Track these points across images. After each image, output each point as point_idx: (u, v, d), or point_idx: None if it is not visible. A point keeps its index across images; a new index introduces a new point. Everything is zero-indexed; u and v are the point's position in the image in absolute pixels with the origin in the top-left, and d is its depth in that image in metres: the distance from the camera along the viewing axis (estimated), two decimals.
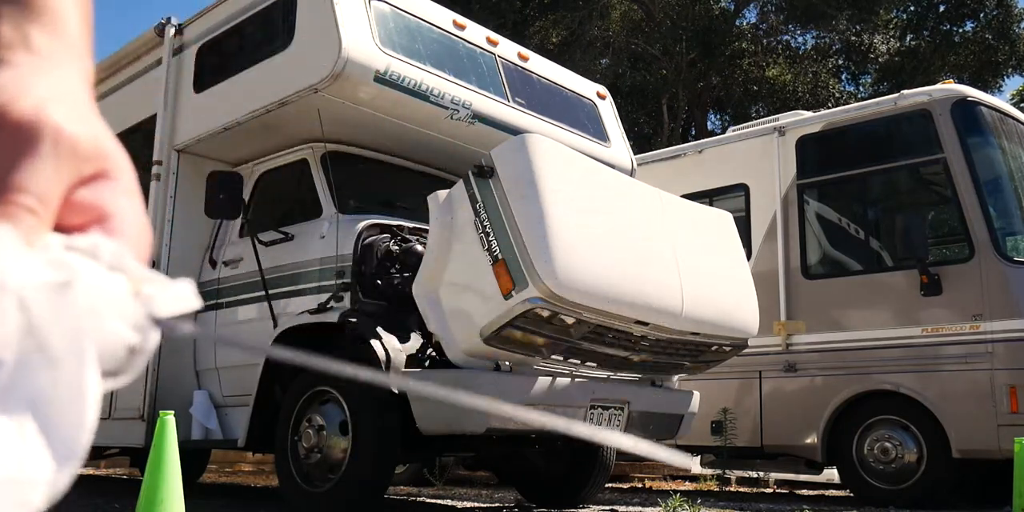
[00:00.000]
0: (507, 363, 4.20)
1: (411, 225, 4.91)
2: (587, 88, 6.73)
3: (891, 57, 19.90)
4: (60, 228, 0.44)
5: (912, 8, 19.62)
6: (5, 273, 0.38)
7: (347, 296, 4.67)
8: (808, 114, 7.53)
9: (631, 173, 6.45)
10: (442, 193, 4.28)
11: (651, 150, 10.06)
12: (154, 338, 0.42)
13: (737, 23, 20.43)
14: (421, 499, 6.42)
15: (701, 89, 19.98)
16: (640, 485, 8.90)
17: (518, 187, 3.96)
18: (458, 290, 4.12)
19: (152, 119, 6.07)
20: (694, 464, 9.14)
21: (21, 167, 0.44)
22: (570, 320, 4.00)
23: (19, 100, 0.45)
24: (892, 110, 6.66)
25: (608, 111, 6.79)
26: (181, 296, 0.43)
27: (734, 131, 8.07)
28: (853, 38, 20.13)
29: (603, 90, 6.88)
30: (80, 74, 0.50)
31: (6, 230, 0.40)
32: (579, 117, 6.44)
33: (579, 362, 4.48)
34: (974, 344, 5.83)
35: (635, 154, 7.05)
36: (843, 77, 21.27)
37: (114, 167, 0.47)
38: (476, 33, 5.82)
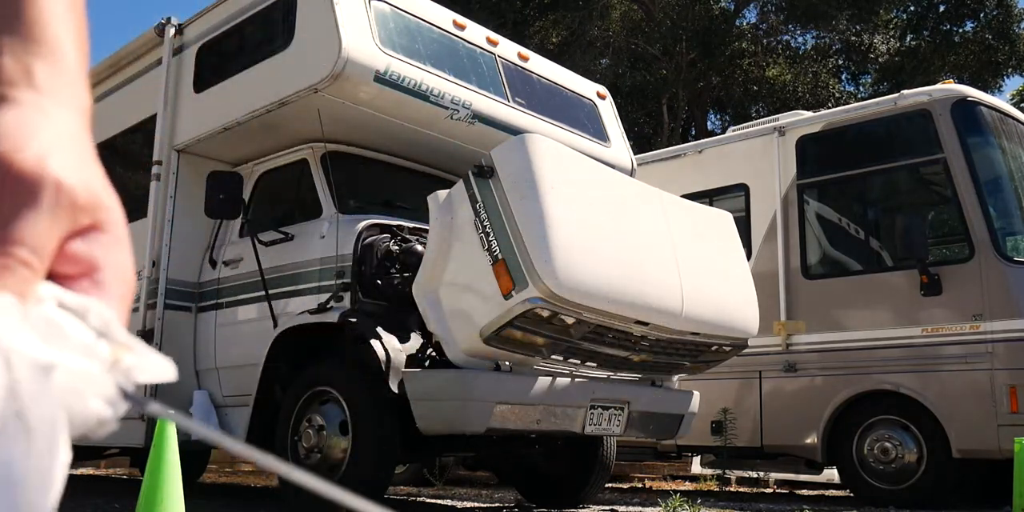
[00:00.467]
0: (507, 363, 4.21)
1: (411, 225, 4.91)
2: (587, 88, 6.73)
3: (891, 57, 19.90)
4: (52, 276, 0.46)
5: (912, 8, 19.62)
6: (6, 336, 0.40)
7: (347, 296, 4.67)
8: (808, 114, 7.52)
9: (631, 173, 6.45)
10: (442, 193, 4.28)
11: (651, 150, 10.06)
12: (122, 409, 0.43)
13: (737, 23, 20.43)
14: (421, 499, 6.42)
15: (701, 89, 19.98)
16: (640, 485, 8.91)
17: (518, 187, 3.97)
18: (458, 290, 4.12)
19: (152, 119, 6.07)
20: (694, 464, 9.15)
21: (20, 219, 0.45)
22: (570, 320, 4.00)
23: (23, 149, 0.46)
24: (892, 110, 6.66)
25: (608, 111, 6.79)
26: (158, 368, 0.44)
27: (734, 131, 8.07)
28: (853, 38, 20.12)
29: (603, 90, 6.88)
30: (80, 112, 0.51)
31: (3, 295, 0.42)
32: (579, 117, 6.44)
33: (579, 362, 4.48)
34: (974, 344, 5.83)
35: (635, 154, 7.05)
36: (843, 77, 21.26)
37: (108, 219, 0.48)
38: (476, 33, 5.82)
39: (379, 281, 4.64)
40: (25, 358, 0.40)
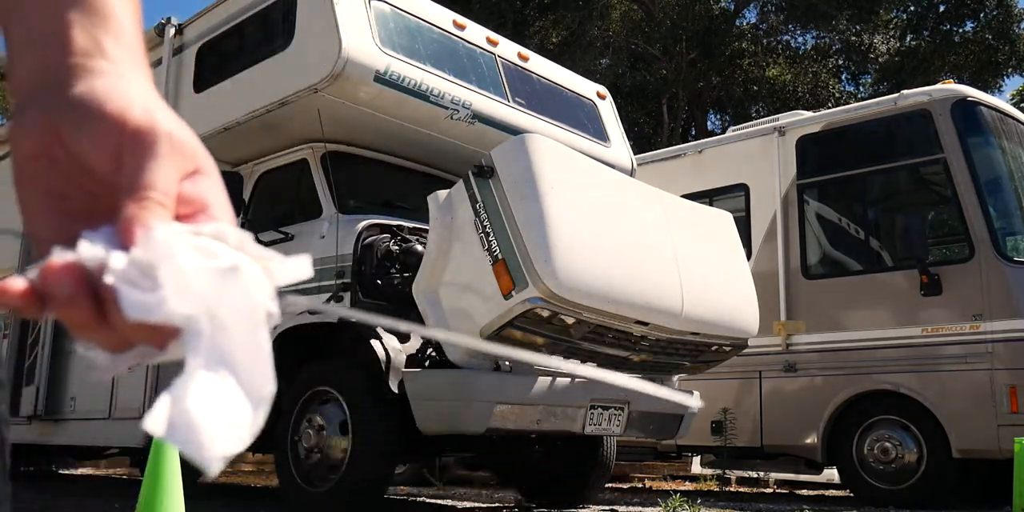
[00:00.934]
0: (507, 363, 4.21)
1: (411, 225, 4.91)
2: (587, 88, 6.73)
3: (891, 57, 19.90)
4: (175, 218, 0.51)
5: (912, 8, 19.62)
6: (175, 258, 0.46)
7: (347, 296, 4.67)
8: (808, 114, 7.52)
9: (631, 173, 6.45)
10: (442, 193, 4.28)
11: (651, 150, 10.06)
12: (280, 306, 0.50)
13: (737, 23, 20.44)
14: (421, 499, 6.42)
15: (701, 89, 19.98)
16: (640, 485, 8.91)
17: (518, 187, 3.96)
18: (458, 290, 4.12)
19: None
20: (694, 464, 9.15)
21: (148, 168, 0.50)
22: (570, 320, 4.00)
23: (132, 108, 0.52)
24: (892, 110, 6.66)
25: (608, 111, 6.79)
26: (299, 269, 0.50)
27: (734, 131, 8.07)
28: (853, 38, 20.13)
29: (603, 90, 6.88)
30: (147, 78, 0.56)
31: (164, 225, 0.48)
32: (579, 117, 6.44)
33: (579, 362, 4.48)
34: (974, 344, 5.83)
35: (635, 154, 7.05)
36: (843, 77, 21.27)
37: (206, 164, 0.54)
38: (476, 33, 5.82)
39: (379, 281, 4.64)
40: (202, 271, 0.47)
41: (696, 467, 9.19)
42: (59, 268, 0.47)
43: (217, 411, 0.46)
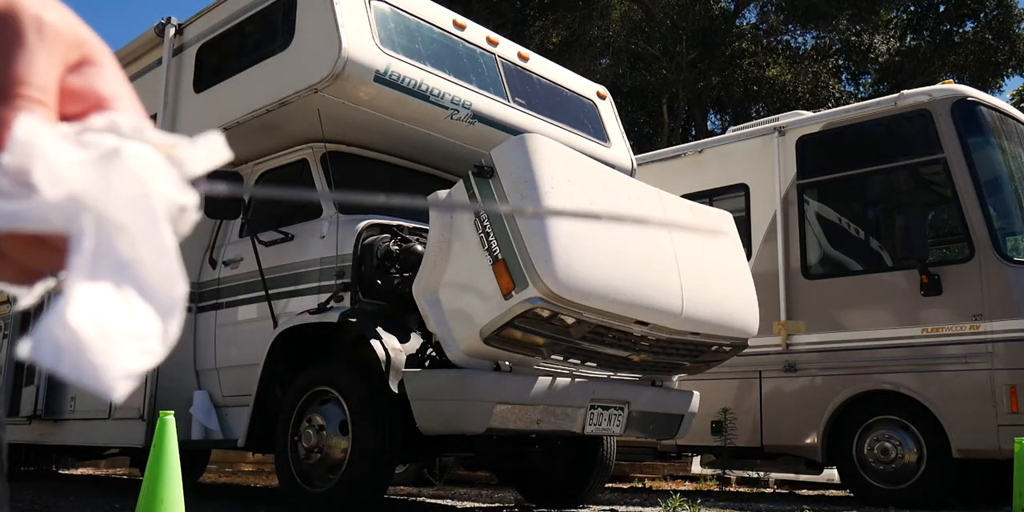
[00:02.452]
0: (507, 363, 4.21)
1: (411, 225, 4.91)
2: (587, 88, 6.73)
3: (891, 57, 19.90)
4: (61, 117, 0.44)
5: (912, 8, 19.63)
6: (47, 155, 0.39)
7: (347, 296, 4.67)
8: (808, 114, 7.52)
9: (631, 173, 6.45)
10: (442, 193, 4.28)
11: (651, 150, 10.06)
12: (196, 198, 0.43)
13: (737, 23, 20.44)
14: (421, 499, 6.42)
15: (701, 89, 19.98)
16: (640, 485, 8.91)
17: (518, 187, 3.97)
18: (458, 290, 4.12)
19: (152, 119, 6.07)
20: (694, 464, 9.15)
21: (15, 59, 0.43)
22: (570, 320, 4.00)
23: None
24: (892, 110, 6.66)
25: (608, 111, 6.79)
26: (212, 150, 0.44)
27: (734, 131, 8.07)
28: (853, 38, 20.13)
29: (603, 90, 6.88)
30: None
31: (31, 119, 0.41)
32: (579, 117, 6.44)
33: (579, 362, 4.48)
34: (974, 344, 5.83)
35: (635, 154, 7.05)
36: (843, 77, 21.27)
37: (96, 52, 0.46)
38: (476, 33, 5.82)
39: (379, 281, 4.64)
40: (82, 165, 0.40)
41: (696, 467, 9.19)
42: None
43: (110, 323, 0.39)
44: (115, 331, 0.39)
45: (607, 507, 5.72)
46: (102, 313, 0.39)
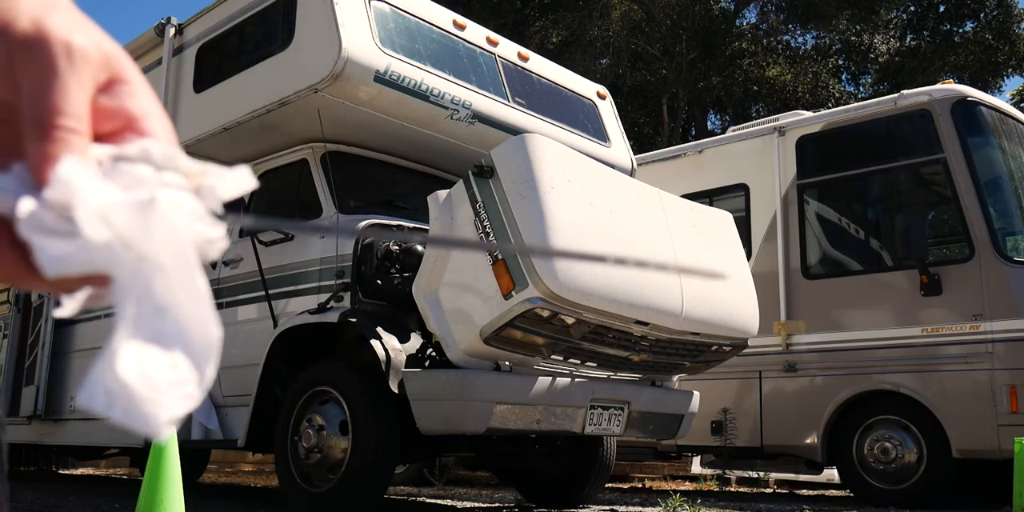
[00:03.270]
0: (507, 363, 4.21)
1: (411, 225, 4.91)
2: (587, 88, 6.73)
3: (891, 57, 19.90)
4: (95, 138, 0.45)
5: (912, 8, 19.63)
6: (87, 195, 0.41)
7: (347, 296, 4.67)
8: (808, 114, 7.52)
9: (631, 173, 6.45)
10: (442, 193, 4.28)
11: (651, 150, 10.06)
12: (222, 228, 0.45)
13: (737, 23, 20.44)
14: (421, 499, 6.42)
15: (701, 89, 19.98)
16: (640, 485, 8.91)
17: (518, 187, 3.97)
18: (458, 290, 4.12)
19: None
20: (694, 464, 9.15)
21: (48, 89, 0.43)
22: (570, 320, 4.00)
23: (16, 20, 0.44)
24: (892, 110, 6.66)
25: (608, 111, 6.79)
26: (238, 181, 0.46)
27: (734, 131, 8.07)
28: (853, 38, 20.13)
29: (603, 90, 6.88)
30: None
31: (72, 159, 0.42)
32: (579, 117, 6.44)
33: (579, 362, 4.48)
34: (974, 344, 5.83)
35: (635, 154, 7.05)
36: (843, 77, 21.27)
37: (124, 69, 0.47)
38: (476, 33, 5.82)
39: (379, 281, 4.64)
40: (121, 207, 0.42)
41: (696, 467, 9.19)
42: None
43: (156, 371, 0.42)
44: (159, 381, 0.41)
45: (607, 507, 5.72)
46: (147, 363, 0.41)
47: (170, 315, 0.43)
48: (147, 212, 0.42)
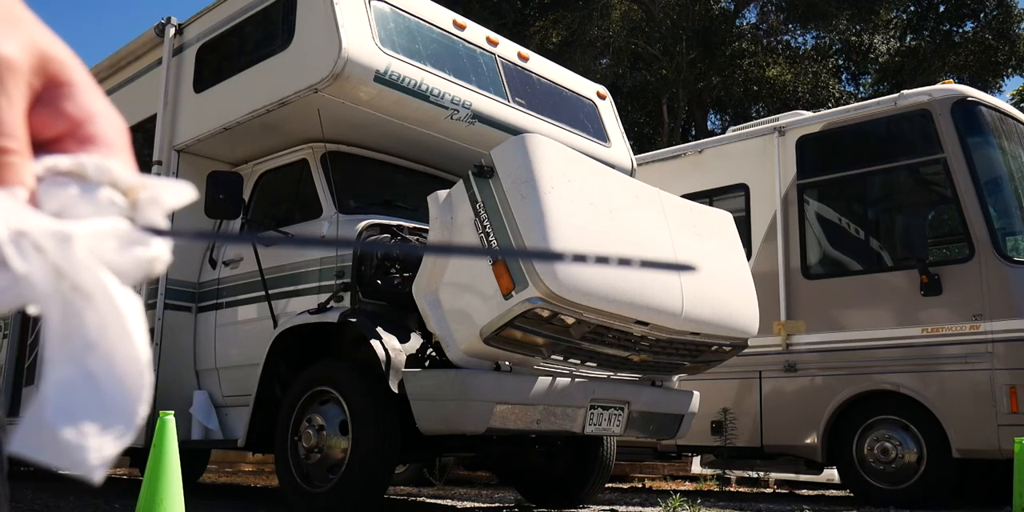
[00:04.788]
0: (507, 363, 4.21)
1: (411, 225, 4.91)
2: (587, 88, 6.73)
3: (891, 57, 19.90)
4: (36, 145, 0.43)
5: (912, 8, 19.62)
6: (18, 223, 0.40)
7: (347, 296, 4.67)
8: (808, 114, 7.52)
9: (631, 173, 6.45)
10: (442, 193, 4.28)
11: (651, 150, 10.06)
12: (161, 244, 0.44)
13: (737, 23, 20.44)
14: (421, 499, 6.42)
15: (701, 89, 19.98)
16: (640, 485, 8.91)
17: (518, 187, 3.97)
18: (458, 290, 4.12)
19: (152, 119, 6.07)
20: (694, 464, 9.15)
21: None
22: (570, 320, 4.00)
23: None
24: (892, 110, 6.66)
25: (608, 111, 6.79)
26: (176, 194, 0.45)
27: (734, 131, 8.07)
28: (853, 38, 20.13)
29: (603, 90, 6.88)
30: None
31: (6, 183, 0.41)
32: (579, 117, 6.44)
33: (579, 362, 4.48)
34: (974, 344, 5.83)
35: (635, 154, 7.05)
36: (843, 77, 21.27)
37: (61, 70, 0.44)
38: (476, 33, 5.82)
39: (379, 281, 4.64)
40: (48, 236, 0.41)
41: (696, 467, 9.19)
42: None
43: (85, 416, 0.41)
44: (89, 429, 0.41)
45: (607, 507, 5.72)
46: (76, 408, 0.41)
47: (100, 351, 0.42)
48: (67, 244, 0.41)
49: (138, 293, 0.44)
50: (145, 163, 6.05)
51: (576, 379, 4.47)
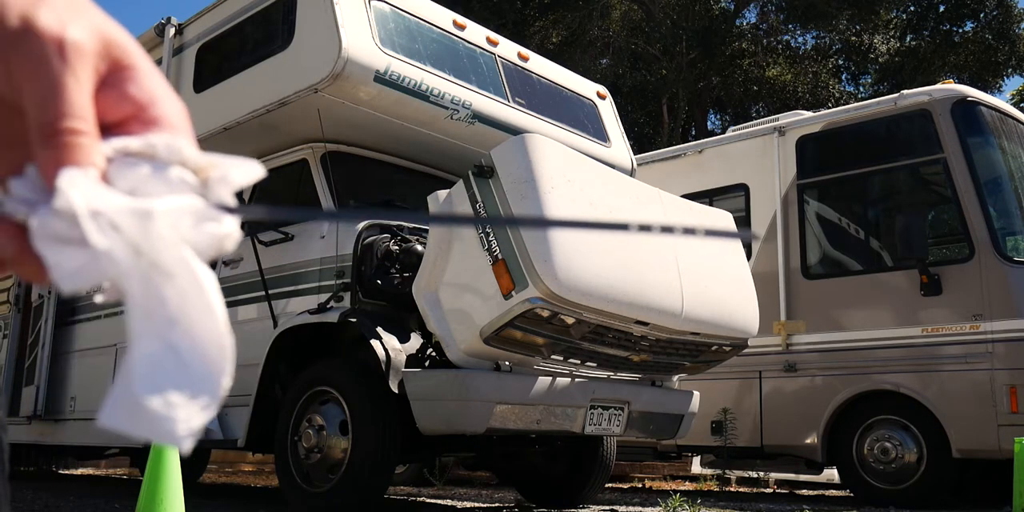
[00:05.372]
0: (507, 363, 4.21)
1: (411, 225, 4.91)
2: (587, 88, 6.72)
3: (891, 57, 19.90)
4: (102, 128, 0.44)
5: (912, 8, 19.62)
6: (94, 202, 0.41)
7: (347, 296, 4.67)
8: (808, 114, 7.52)
9: (631, 173, 6.44)
10: (442, 193, 4.28)
11: (651, 150, 10.06)
12: (232, 222, 0.44)
13: (737, 23, 20.44)
14: (421, 499, 6.42)
15: (701, 89, 19.98)
16: (640, 485, 8.91)
17: (518, 187, 3.97)
18: (458, 290, 4.12)
19: None
20: (694, 464, 9.15)
21: (46, 91, 0.42)
22: (570, 320, 4.00)
23: (5, 13, 0.42)
24: (892, 110, 6.66)
25: (608, 111, 6.79)
26: (245, 171, 0.45)
27: (734, 131, 8.07)
28: (853, 38, 20.13)
29: (603, 90, 6.88)
30: None
31: (73, 170, 0.42)
32: (579, 117, 6.44)
33: (579, 362, 4.48)
34: (974, 344, 5.83)
35: (635, 154, 7.05)
36: (843, 77, 21.27)
37: (125, 54, 0.45)
38: (476, 33, 5.82)
39: (379, 281, 4.64)
40: (125, 213, 0.42)
41: (696, 467, 9.20)
42: None
43: (172, 388, 0.42)
44: (177, 399, 0.42)
45: (607, 507, 5.72)
46: (163, 380, 0.42)
47: (182, 326, 0.43)
48: (148, 221, 0.42)
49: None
50: None
51: (576, 379, 4.47)
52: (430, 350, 4.35)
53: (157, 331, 0.43)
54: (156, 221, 0.42)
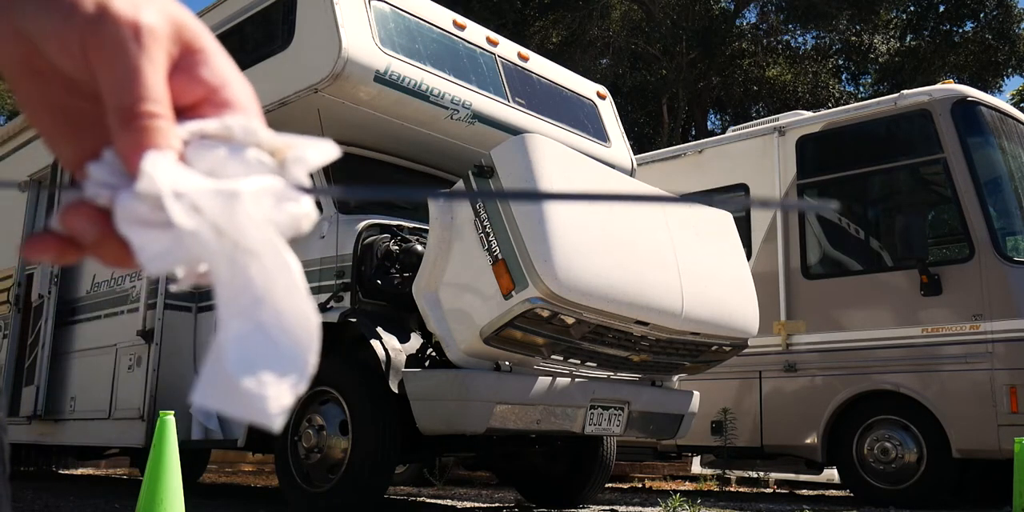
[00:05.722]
0: (507, 363, 4.21)
1: (411, 225, 4.91)
2: (587, 88, 6.72)
3: (891, 57, 19.90)
4: (175, 111, 0.45)
5: (912, 8, 19.62)
6: (177, 184, 0.42)
7: (347, 296, 4.67)
8: (808, 114, 7.52)
9: (631, 173, 6.45)
10: None
11: (651, 150, 10.06)
12: (309, 201, 0.45)
13: (737, 23, 20.44)
14: (421, 499, 6.42)
15: (701, 89, 19.98)
16: (640, 485, 8.91)
17: (518, 187, 3.97)
18: (458, 290, 4.12)
19: None
20: (694, 464, 9.15)
21: (123, 75, 0.43)
22: (570, 320, 4.00)
23: (81, 2, 0.43)
24: (892, 110, 6.66)
25: (608, 111, 6.78)
26: (320, 152, 0.46)
27: (734, 131, 8.07)
28: (853, 38, 20.13)
29: (603, 90, 6.88)
30: None
31: (154, 152, 0.42)
32: (579, 117, 6.44)
33: (579, 362, 4.48)
34: (974, 344, 5.83)
35: (635, 154, 7.05)
36: (843, 77, 21.27)
37: (195, 38, 0.46)
38: (476, 33, 5.82)
39: (379, 281, 4.64)
40: (208, 195, 0.42)
41: (696, 467, 9.20)
42: (74, 213, 0.43)
43: (263, 366, 0.43)
44: (267, 377, 0.43)
45: (607, 507, 5.72)
46: (253, 359, 0.43)
47: (269, 305, 0.43)
48: (233, 202, 0.42)
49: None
50: None
51: (576, 379, 4.47)
52: (430, 350, 4.35)
53: (246, 311, 0.43)
54: (243, 202, 0.42)
